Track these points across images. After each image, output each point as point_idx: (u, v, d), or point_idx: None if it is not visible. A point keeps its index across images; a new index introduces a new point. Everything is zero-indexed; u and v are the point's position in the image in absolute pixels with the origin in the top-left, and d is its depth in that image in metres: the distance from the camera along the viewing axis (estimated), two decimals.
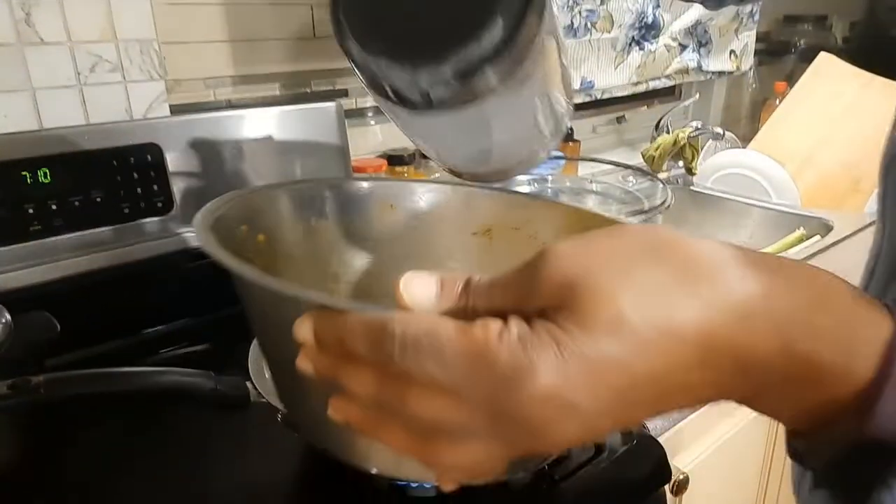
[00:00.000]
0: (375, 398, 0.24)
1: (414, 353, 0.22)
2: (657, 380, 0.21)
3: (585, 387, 0.20)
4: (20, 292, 0.75)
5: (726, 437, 0.89)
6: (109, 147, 0.79)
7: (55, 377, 0.50)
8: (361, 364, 0.24)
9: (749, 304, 0.21)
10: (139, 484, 0.62)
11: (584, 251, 0.22)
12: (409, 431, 0.24)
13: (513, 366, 0.21)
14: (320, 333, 0.25)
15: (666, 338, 0.20)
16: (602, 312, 0.20)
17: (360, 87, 1.19)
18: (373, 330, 0.23)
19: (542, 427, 0.21)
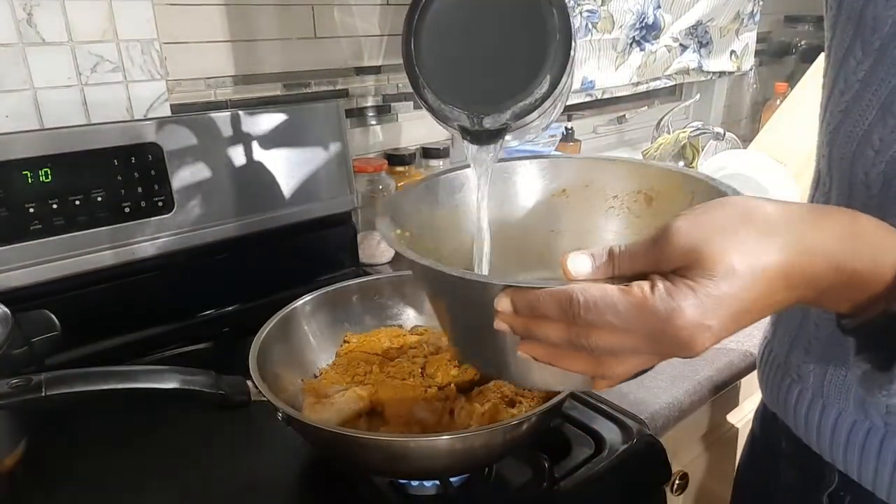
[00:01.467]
0: (564, 340, 0.35)
1: (595, 310, 0.33)
2: (757, 302, 0.32)
3: (714, 314, 0.32)
4: (21, 291, 0.75)
5: (726, 436, 0.89)
6: (110, 147, 0.80)
7: (56, 376, 0.50)
8: (550, 321, 0.35)
9: (810, 244, 0.33)
10: (139, 482, 0.62)
11: (698, 224, 0.33)
12: (586, 357, 0.36)
13: (666, 308, 0.32)
14: (517, 303, 0.36)
15: (761, 276, 0.32)
16: (719, 266, 0.31)
17: (360, 86, 1.19)
18: (562, 299, 0.34)
19: (688, 343, 0.33)
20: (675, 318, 0.31)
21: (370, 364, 0.69)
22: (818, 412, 0.56)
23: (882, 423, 0.51)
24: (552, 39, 0.46)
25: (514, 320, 0.37)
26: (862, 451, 0.52)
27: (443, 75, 0.47)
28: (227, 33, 0.96)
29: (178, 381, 0.55)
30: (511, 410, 0.60)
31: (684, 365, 0.78)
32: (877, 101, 0.46)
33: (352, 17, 1.08)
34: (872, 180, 0.47)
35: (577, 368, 0.37)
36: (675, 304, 0.31)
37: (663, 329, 0.32)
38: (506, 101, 0.45)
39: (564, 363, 0.37)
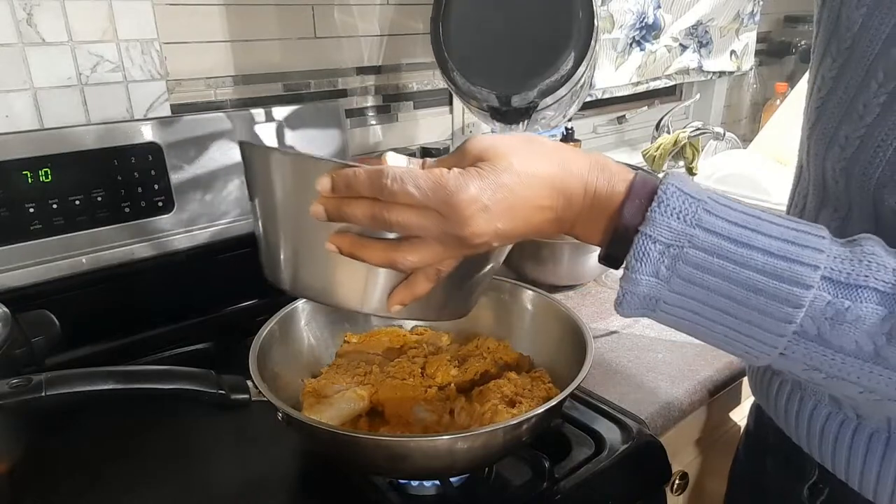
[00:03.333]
0: (368, 216, 0.40)
1: (399, 182, 0.38)
2: (527, 200, 0.40)
3: (492, 197, 0.39)
4: (21, 291, 0.75)
5: (726, 436, 0.89)
6: (110, 147, 0.80)
7: (56, 376, 0.50)
8: (359, 200, 0.40)
9: (568, 166, 0.41)
10: (139, 482, 0.62)
11: (490, 137, 0.41)
12: (383, 244, 0.41)
13: (455, 183, 0.38)
14: (336, 181, 0.40)
15: (531, 177, 0.40)
16: (501, 162, 0.39)
17: (360, 86, 1.19)
18: (373, 174, 0.39)
19: (468, 218, 0.39)
20: (461, 192, 0.38)
21: (370, 364, 0.69)
22: (796, 403, 0.57)
23: (854, 414, 0.52)
24: (576, 17, 0.49)
25: (328, 201, 0.41)
26: (835, 443, 0.54)
27: (471, 58, 0.50)
28: (227, 33, 0.96)
29: (178, 381, 0.55)
30: (511, 410, 0.60)
31: (684, 365, 0.78)
32: (846, 99, 0.48)
33: (352, 17, 1.08)
34: (838, 175, 0.50)
35: (375, 258, 0.41)
36: (462, 181, 0.38)
37: (448, 201, 0.38)
38: (533, 80, 0.49)
39: (365, 252, 0.41)
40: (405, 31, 1.16)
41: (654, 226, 0.39)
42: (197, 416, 0.68)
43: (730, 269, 0.38)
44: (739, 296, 0.38)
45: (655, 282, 0.40)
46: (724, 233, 0.38)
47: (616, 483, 0.62)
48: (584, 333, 0.63)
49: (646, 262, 0.39)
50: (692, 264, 0.39)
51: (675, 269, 0.39)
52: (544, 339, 0.71)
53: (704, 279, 0.39)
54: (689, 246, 0.38)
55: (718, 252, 0.38)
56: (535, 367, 0.70)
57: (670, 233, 0.39)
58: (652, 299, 0.41)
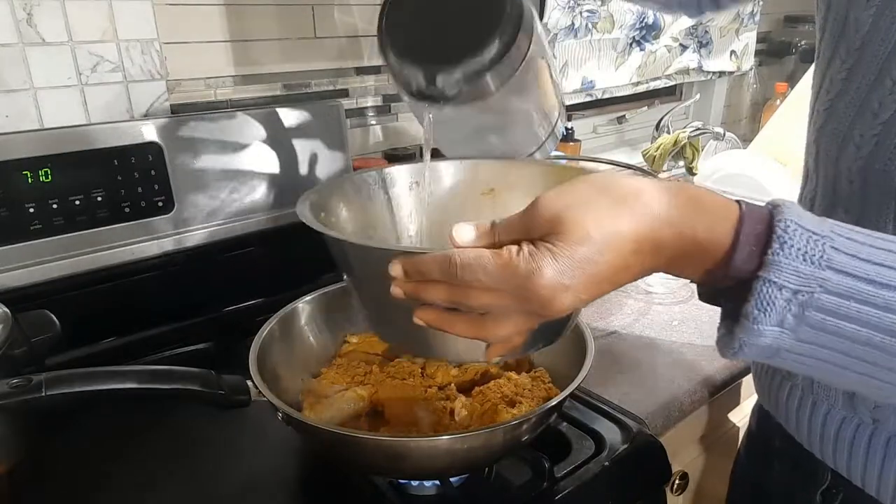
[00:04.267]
0: (447, 300, 0.39)
1: (469, 270, 0.37)
2: (611, 264, 0.36)
3: (571, 275, 0.35)
4: (21, 291, 0.75)
5: (726, 436, 0.89)
6: (110, 147, 0.80)
7: (56, 376, 0.50)
8: (435, 284, 0.39)
9: (656, 213, 0.36)
10: (139, 482, 0.62)
11: (561, 196, 0.37)
12: (468, 320, 0.40)
13: (527, 269, 0.35)
14: (406, 268, 0.40)
15: (613, 241, 0.35)
16: (576, 233, 0.35)
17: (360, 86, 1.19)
18: (442, 262, 0.38)
19: (549, 301, 0.36)
20: (536, 277, 0.35)
21: (370, 364, 0.69)
22: (808, 409, 0.56)
23: (870, 419, 0.51)
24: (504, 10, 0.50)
25: (406, 285, 0.41)
26: (851, 448, 0.53)
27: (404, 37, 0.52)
28: (227, 33, 0.95)
29: (178, 381, 0.55)
30: (511, 410, 0.60)
31: (684, 365, 0.78)
32: (858, 99, 0.48)
33: (352, 17, 1.08)
34: (854, 175, 0.49)
35: (463, 332, 0.40)
36: (535, 264, 0.35)
37: (525, 286, 0.36)
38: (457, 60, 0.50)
39: (452, 327, 0.40)
40: None
41: (777, 271, 0.34)
42: (197, 416, 0.68)
43: (871, 314, 0.34)
44: (882, 343, 0.35)
45: (780, 331, 0.35)
46: (858, 273, 0.34)
47: (616, 483, 0.62)
48: (584, 333, 0.63)
49: (770, 312, 0.35)
50: (825, 311, 0.35)
51: (805, 318, 0.35)
52: None
53: (839, 327, 0.35)
54: (820, 291, 0.34)
55: (856, 296, 0.34)
56: (535, 367, 0.70)
57: (798, 278, 0.34)
58: (774, 349, 0.36)
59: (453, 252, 0.38)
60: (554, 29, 1.36)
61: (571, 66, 1.45)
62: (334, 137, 0.98)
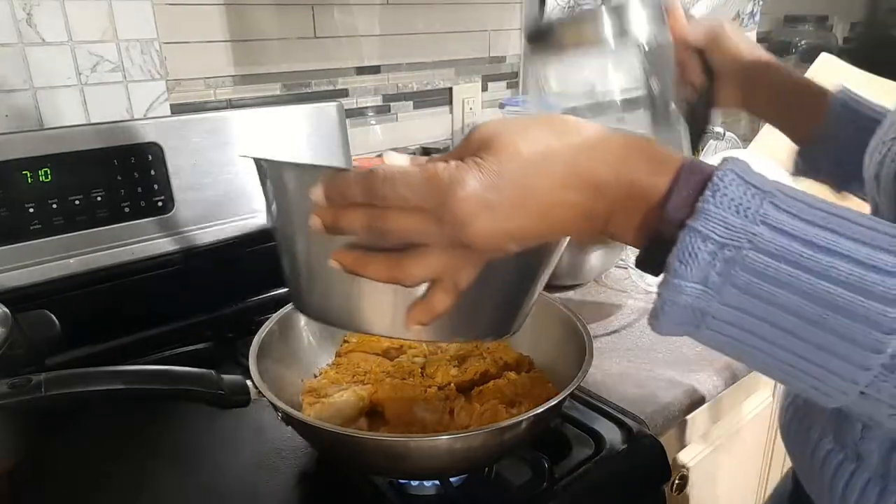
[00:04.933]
0: (365, 226, 0.35)
1: (391, 183, 0.33)
2: (542, 189, 0.33)
3: (494, 189, 0.33)
4: (21, 291, 0.75)
5: (726, 435, 0.89)
6: (110, 146, 0.80)
7: (56, 376, 0.50)
8: (355, 208, 0.35)
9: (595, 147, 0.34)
10: (139, 482, 0.62)
11: (498, 123, 0.35)
12: (384, 259, 0.36)
13: (450, 179, 0.33)
14: (328, 191, 0.36)
15: (544, 161, 0.33)
16: (507, 149, 0.33)
17: (360, 86, 1.19)
18: (365, 177, 0.34)
19: (469, 218, 0.33)
20: (457, 188, 0.32)
21: (370, 364, 0.69)
22: (804, 435, 0.54)
23: (854, 453, 0.48)
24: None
25: (325, 213, 0.37)
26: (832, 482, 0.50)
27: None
28: (227, 33, 0.96)
29: (178, 381, 0.55)
30: (511, 410, 0.60)
31: (684, 365, 0.78)
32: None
33: (352, 17, 1.08)
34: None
35: (378, 273, 0.37)
36: (459, 175, 0.32)
37: (445, 200, 0.32)
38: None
39: (367, 268, 0.37)
40: (405, 31, 1.16)
41: (705, 219, 0.31)
42: (197, 416, 0.68)
43: (803, 279, 0.30)
44: (813, 314, 0.30)
45: (703, 290, 0.32)
46: (797, 233, 0.30)
47: (616, 483, 0.62)
48: (583, 333, 0.63)
49: (692, 266, 0.31)
50: (752, 271, 0.31)
51: (730, 277, 0.31)
52: (544, 339, 0.70)
53: (768, 291, 0.31)
54: (749, 247, 0.30)
55: (788, 256, 0.30)
56: (535, 368, 0.70)
57: (726, 229, 0.31)
58: (697, 312, 0.32)
59: (378, 167, 0.35)
60: None
61: None
62: (334, 137, 0.98)
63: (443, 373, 0.67)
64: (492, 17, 1.29)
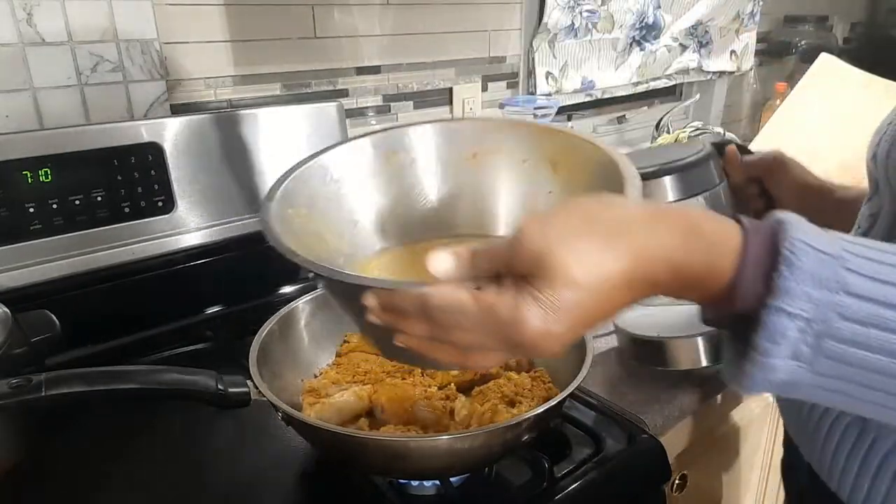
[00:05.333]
0: (428, 335, 0.36)
1: (448, 311, 0.35)
2: (601, 306, 0.34)
3: (557, 321, 0.33)
4: (21, 291, 0.75)
5: (726, 435, 0.89)
6: (110, 147, 0.80)
7: (56, 376, 0.50)
8: (413, 318, 0.36)
9: (647, 245, 0.33)
10: (139, 482, 0.62)
11: (545, 230, 0.34)
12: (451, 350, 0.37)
13: (510, 317, 0.33)
14: (381, 302, 0.37)
15: (602, 284, 0.33)
16: (561, 278, 0.33)
17: (360, 86, 1.19)
18: (417, 302, 0.35)
19: (535, 348, 0.34)
20: (519, 326, 0.33)
21: (370, 364, 0.69)
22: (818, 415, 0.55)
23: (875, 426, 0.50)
24: None
25: (381, 316, 0.38)
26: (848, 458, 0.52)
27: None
28: (227, 33, 0.96)
29: (179, 381, 0.55)
30: (511, 410, 0.60)
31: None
32: None
33: (352, 17, 1.08)
34: None
35: (447, 360, 0.38)
36: (519, 313, 0.33)
37: (507, 333, 0.33)
38: None
39: (434, 355, 0.38)
40: (405, 31, 1.16)
41: (789, 298, 0.31)
42: (197, 416, 0.68)
43: (893, 340, 0.31)
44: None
45: (796, 365, 0.32)
46: (878, 297, 0.31)
47: (616, 483, 0.62)
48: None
49: (783, 345, 0.32)
50: (843, 340, 0.31)
51: (821, 349, 0.32)
52: None
53: (860, 357, 0.32)
54: (837, 318, 0.31)
55: (875, 322, 0.31)
56: (535, 367, 0.70)
57: (811, 305, 0.31)
58: (789, 385, 0.33)
59: (429, 293, 0.35)
60: (554, 29, 1.36)
61: (571, 66, 1.45)
62: (334, 137, 0.98)
63: (443, 373, 0.67)
64: (492, 17, 1.29)
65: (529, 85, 1.42)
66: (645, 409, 0.70)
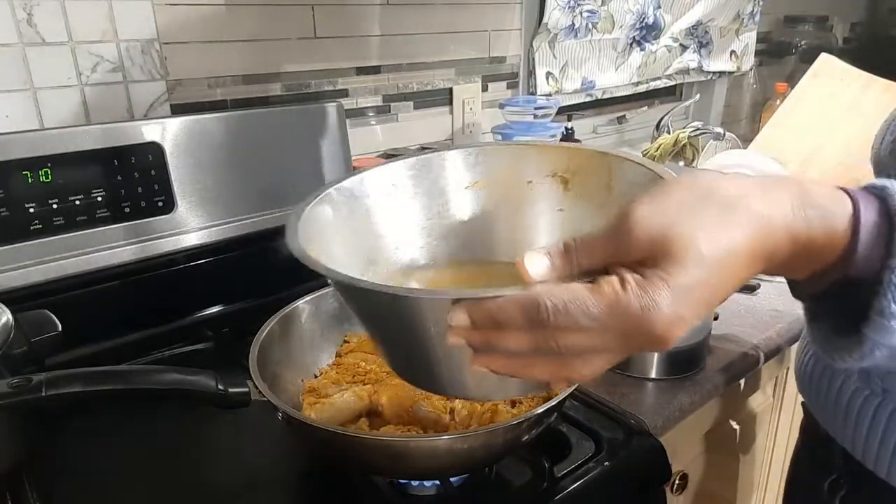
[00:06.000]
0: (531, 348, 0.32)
1: (566, 313, 0.31)
2: (725, 283, 0.32)
3: (687, 303, 0.31)
4: (21, 291, 0.75)
5: (726, 435, 0.89)
6: (110, 147, 0.80)
7: (56, 376, 0.50)
8: (513, 331, 0.32)
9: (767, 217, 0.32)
10: (139, 482, 0.62)
11: (659, 210, 0.32)
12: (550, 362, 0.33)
13: (641, 305, 0.30)
14: (475, 317, 0.33)
15: (728, 258, 0.32)
16: (688, 254, 0.31)
17: (360, 86, 1.19)
18: (527, 306, 0.31)
19: (663, 337, 0.31)
20: (652, 314, 0.30)
21: (370, 364, 0.69)
22: (827, 381, 0.59)
23: (880, 388, 0.54)
24: None
25: (472, 335, 0.34)
26: (857, 418, 0.56)
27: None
28: (228, 33, 0.96)
29: (179, 381, 0.54)
30: (511, 410, 0.60)
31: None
32: None
33: (352, 17, 1.08)
34: None
35: (540, 375, 0.34)
36: (649, 299, 0.30)
37: (638, 325, 0.31)
38: None
39: (527, 371, 0.34)
40: (405, 31, 1.16)
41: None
42: (197, 416, 0.68)
43: None
44: None
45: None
46: None
47: (616, 483, 0.62)
48: None
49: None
50: None
51: None
52: None
53: None
54: None
55: None
56: None
57: None
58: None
59: (539, 294, 0.31)
60: (554, 29, 1.36)
61: (571, 66, 1.45)
62: (334, 137, 0.98)
63: None
64: (492, 18, 1.29)
65: (530, 85, 1.42)
66: (645, 409, 0.70)
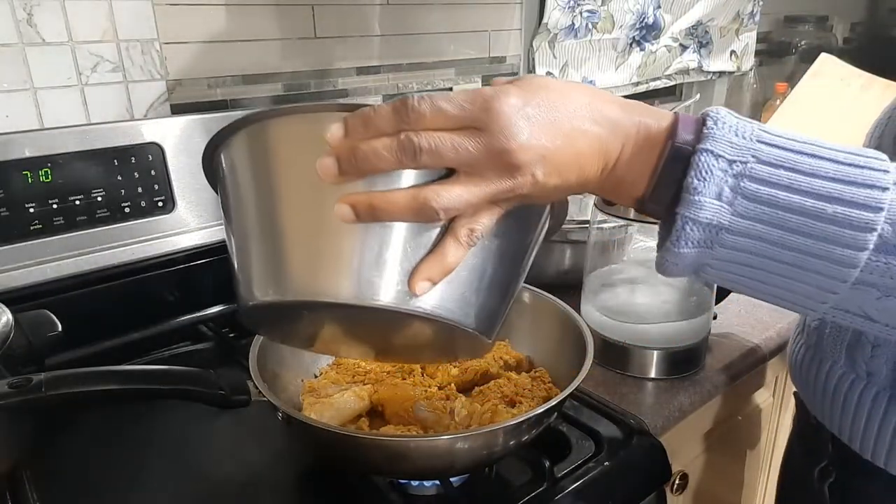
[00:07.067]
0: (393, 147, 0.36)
1: (428, 100, 0.36)
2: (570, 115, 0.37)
3: (532, 105, 0.36)
4: (21, 291, 0.75)
5: (726, 435, 0.89)
6: (110, 147, 0.80)
7: (56, 376, 0.50)
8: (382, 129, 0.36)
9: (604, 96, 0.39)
10: (139, 482, 0.62)
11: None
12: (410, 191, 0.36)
13: (493, 91, 0.36)
14: (350, 122, 0.37)
15: (571, 92, 0.38)
16: (538, 80, 0.38)
17: (360, 86, 1.19)
18: (397, 103, 0.36)
19: (511, 125, 0.35)
20: (501, 96, 0.35)
21: (370, 364, 0.69)
22: (815, 367, 0.62)
23: (865, 372, 0.57)
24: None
25: (341, 145, 0.37)
26: (844, 402, 0.59)
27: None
28: (228, 33, 0.95)
29: (178, 381, 0.55)
30: (511, 410, 0.60)
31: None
32: None
33: (352, 17, 1.08)
34: None
35: (401, 205, 0.36)
36: (501, 89, 0.36)
37: (490, 106, 0.35)
38: None
39: (387, 201, 0.36)
40: (405, 31, 1.16)
41: (713, 141, 0.36)
42: (197, 416, 0.68)
43: (800, 180, 0.36)
44: (813, 209, 0.36)
45: (719, 205, 0.36)
46: (788, 146, 0.37)
47: (616, 483, 0.62)
48: (584, 333, 0.63)
49: (709, 182, 0.36)
50: (758, 180, 0.36)
51: (740, 189, 0.36)
52: (544, 339, 0.71)
53: (773, 195, 0.36)
54: (754, 161, 0.36)
55: (785, 164, 0.36)
56: (535, 367, 0.70)
57: (732, 148, 0.36)
58: (713, 230, 0.37)
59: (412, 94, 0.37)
60: (554, 29, 1.36)
61: (571, 66, 1.45)
62: None
63: (443, 373, 0.67)
64: (492, 18, 1.29)
65: None
66: (645, 409, 0.70)
